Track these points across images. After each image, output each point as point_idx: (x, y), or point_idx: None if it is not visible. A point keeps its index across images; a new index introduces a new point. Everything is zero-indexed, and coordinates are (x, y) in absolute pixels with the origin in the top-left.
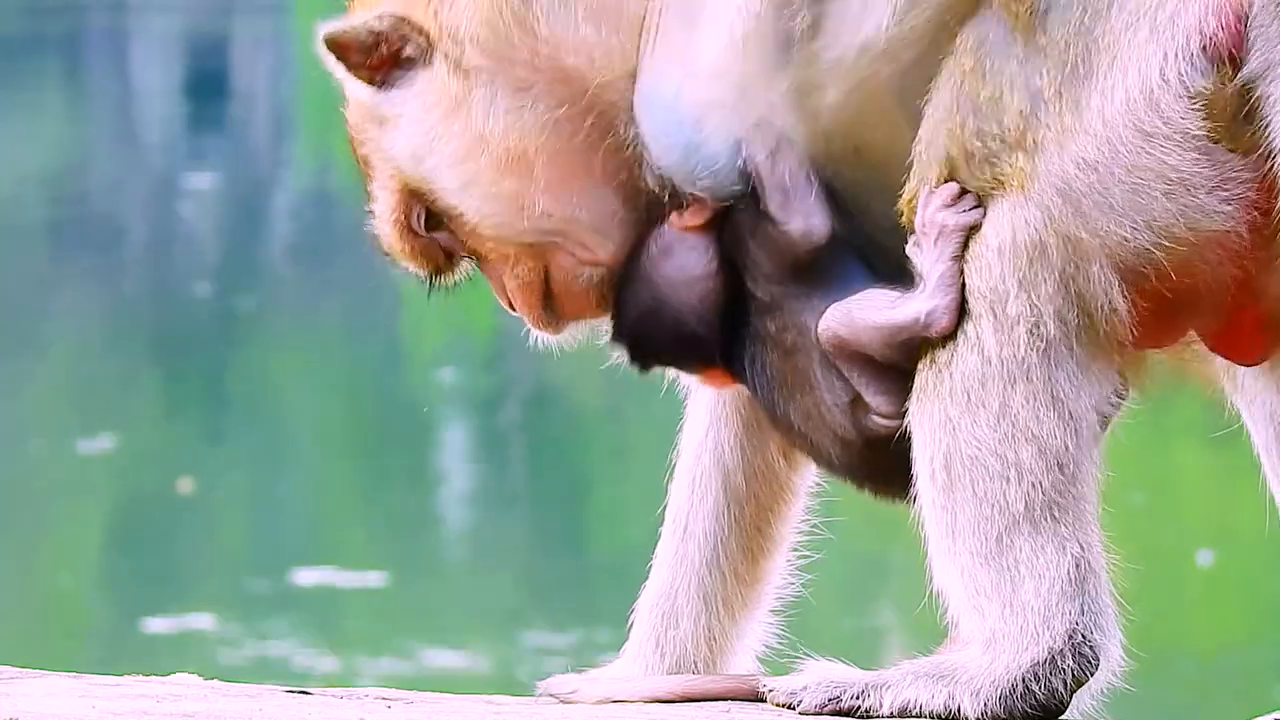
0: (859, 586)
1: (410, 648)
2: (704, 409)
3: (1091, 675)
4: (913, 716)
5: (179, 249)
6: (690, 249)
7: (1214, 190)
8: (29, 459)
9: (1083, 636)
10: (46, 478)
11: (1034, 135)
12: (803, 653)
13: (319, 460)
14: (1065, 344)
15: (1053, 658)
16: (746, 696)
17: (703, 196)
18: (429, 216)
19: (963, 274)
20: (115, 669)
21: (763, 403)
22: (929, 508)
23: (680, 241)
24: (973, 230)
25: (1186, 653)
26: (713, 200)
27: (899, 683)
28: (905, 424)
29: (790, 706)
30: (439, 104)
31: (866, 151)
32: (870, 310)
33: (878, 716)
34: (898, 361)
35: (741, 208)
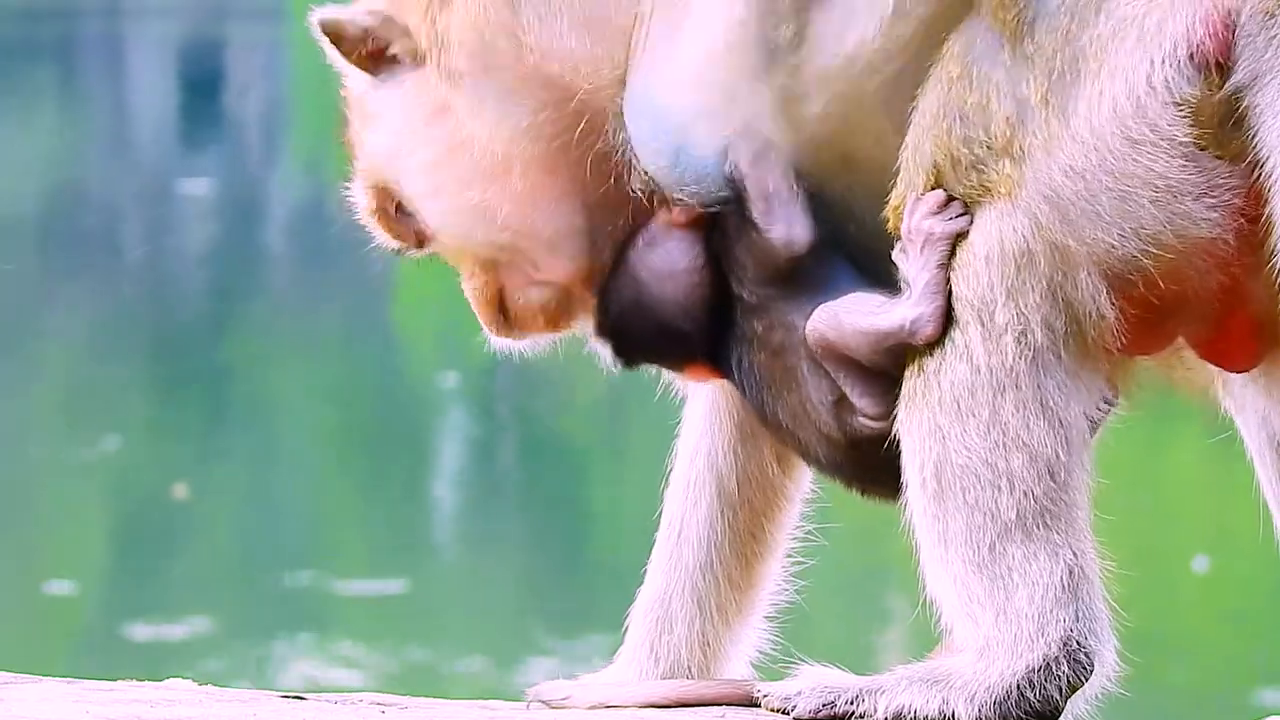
0: (854, 592)
1: (405, 652)
2: (700, 415)
3: (1086, 681)
4: None
5: (174, 254)
6: (676, 244)
7: (1201, 197)
8: (24, 464)
9: (1077, 643)
10: (41, 483)
11: (1021, 142)
12: (797, 658)
13: (315, 465)
14: (1054, 352)
15: (1047, 664)
16: (741, 702)
17: (690, 202)
18: (402, 205)
19: (949, 281)
20: (110, 674)
21: (751, 402)
22: (920, 516)
23: (667, 236)
24: (959, 238)
25: (1182, 659)
26: (700, 205)
27: (893, 688)
28: (890, 426)
29: (784, 712)
30: (422, 107)
31: (855, 159)
32: (857, 314)
33: None
34: (884, 366)
35: (728, 212)
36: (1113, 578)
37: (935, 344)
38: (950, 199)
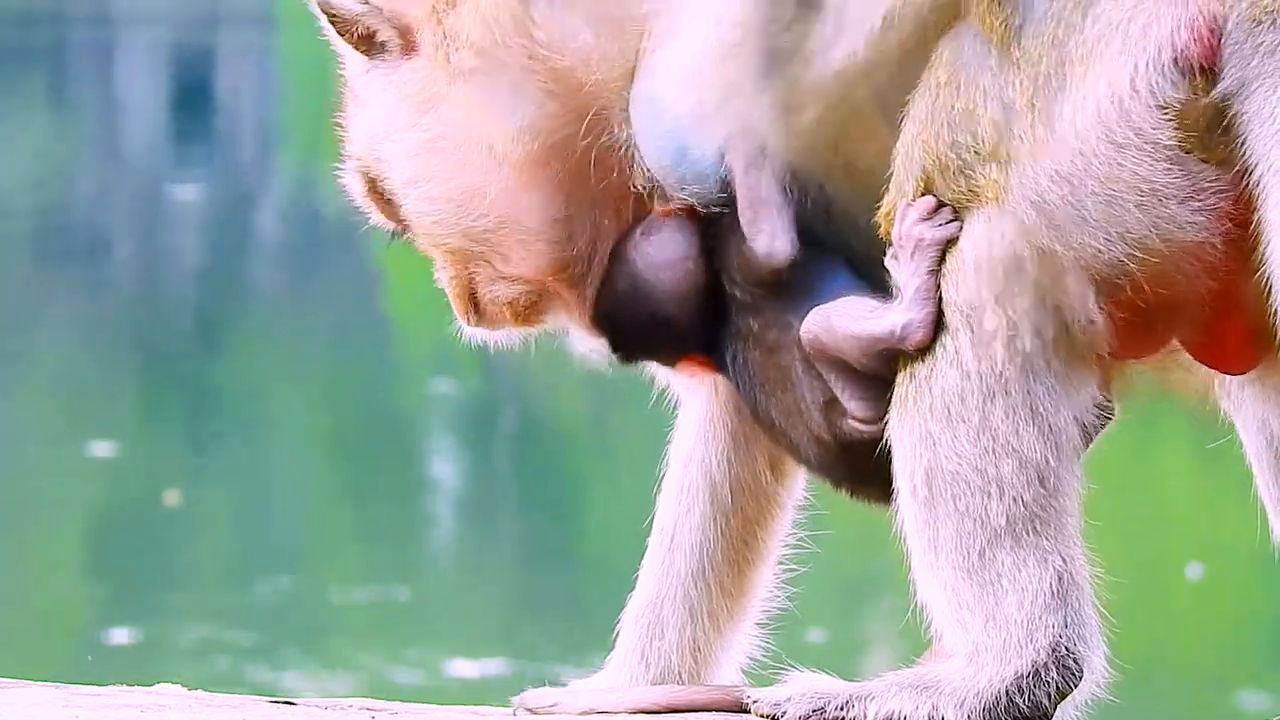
0: (844, 599)
1: (396, 658)
2: (694, 422)
3: (1075, 687)
4: None
5: (164, 261)
6: (671, 233)
7: (1186, 201)
8: (12, 469)
9: (1066, 649)
10: (31, 488)
11: (1007, 147)
12: (787, 664)
13: (307, 471)
14: (1043, 357)
15: (1036, 670)
16: (731, 708)
17: (690, 201)
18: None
19: (940, 287)
20: (100, 679)
21: (745, 399)
22: (911, 522)
23: (663, 225)
24: (950, 243)
25: (1176, 664)
26: (700, 205)
27: (883, 694)
28: (880, 429)
29: (775, 718)
30: (414, 96)
31: (852, 164)
32: (849, 319)
33: None
34: (875, 370)
35: (725, 212)
36: (1107, 585)
37: (926, 350)
38: (940, 205)
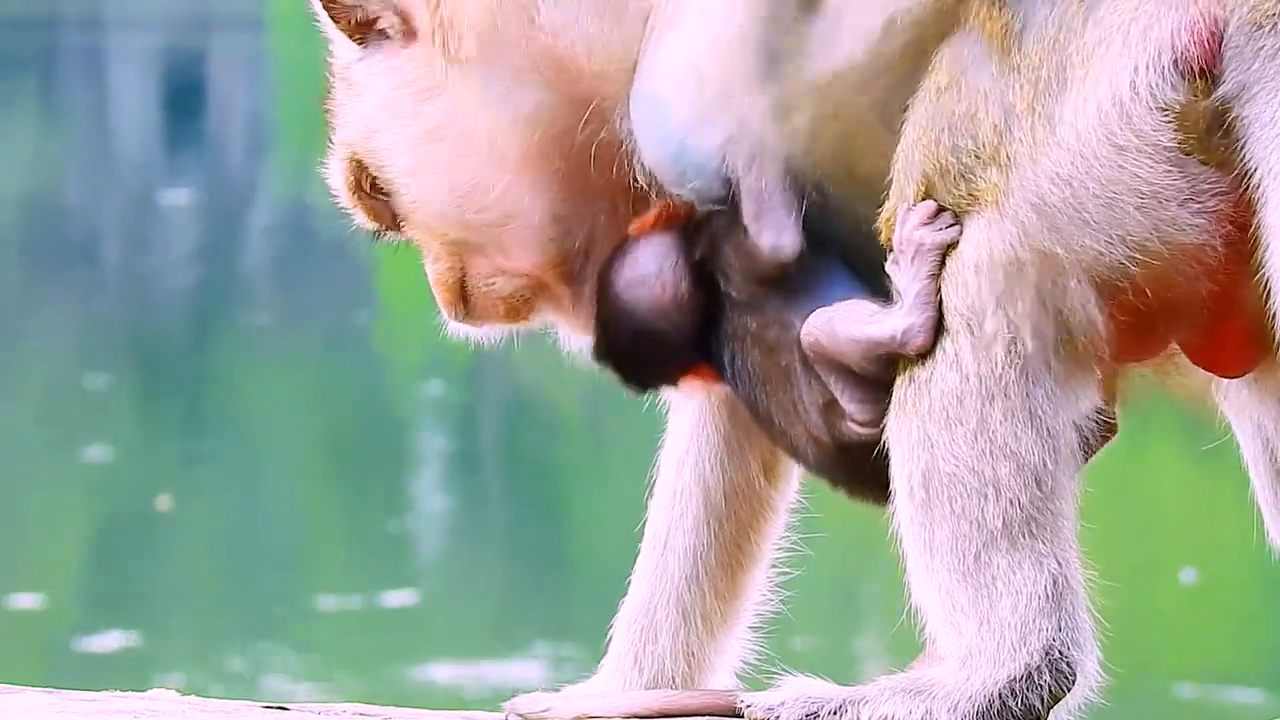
0: (837, 603)
1: (389, 663)
2: (686, 426)
3: (1068, 691)
4: None
5: (156, 265)
6: (646, 247)
7: (1186, 203)
8: (4, 475)
9: (1059, 653)
10: (23, 494)
11: (1008, 150)
12: (780, 669)
13: (298, 475)
14: (1043, 360)
15: (1029, 674)
16: (724, 712)
17: (690, 198)
18: (377, 181)
19: (941, 292)
20: (93, 685)
21: (745, 400)
22: (907, 524)
23: (636, 244)
24: (950, 247)
25: (1171, 668)
26: (699, 203)
27: (876, 698)
28: (879, 432)
29: None
30: (414, 84)
31: (854, 166)
32: (850, 322)
33: None
34: (876, 374)
35: (720, 211)
36: (1101, 589)
37: (926, 354)
38: (941, 209)
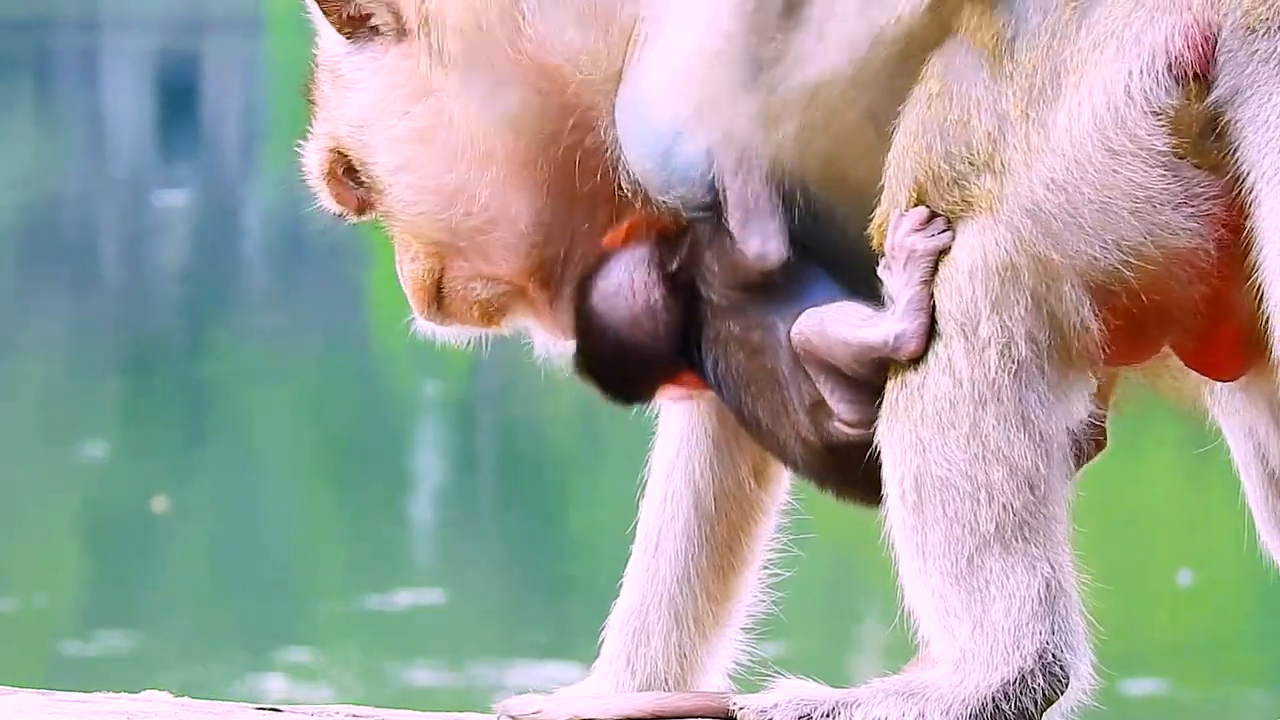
0: (830, 605)
1: (382, 664)
2: (676, 429)
3: (1061, 694)
4: None
5: (150, 266)
6: (619, 260)
7: (1180, 207)
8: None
9: (1053, 656)
10: (17, 494)
11: (1002, 156)
12: (774, 670)
13: (293, 475)
14: (1037, 365)
15: (1023, 677)
16: (717, 714)
17: (674, 205)
18: (353, 169)
19: (933, 297)
20: (86, 686)
21: (730, 403)
22: (899, 528)
23: (609, 257)
24: (943, 253)
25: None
26: (684, 210)
27: (869, 701)
28: (868, 433)
29: None
30: (406, 84)
31: (842, 172)
32: (843, 325)
33: None
34: (866, 377)
35: (704, 217)
36: (1097, 592)
37: (918, 358)
38: (933, 215)
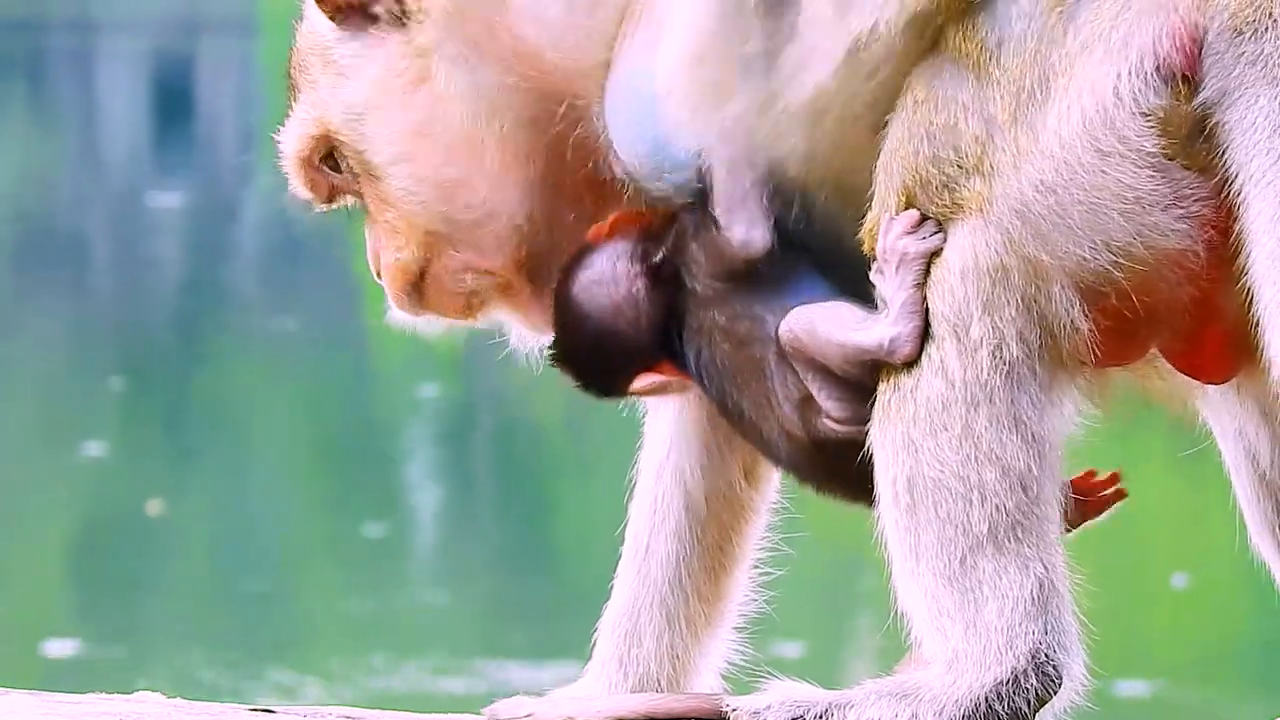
0: (822, 605)
1: (375, 666)
2: (664, 430)
3: (1054, 694)
4: None
5: (144, 268)
6: (601, 251)
7: (1169, 208)
8: None
9: (1045, 656)
10: (12, 497)
11: (991, 159)
12: (766, 671)
13: (287, 478)
14: (1028, 365)
15: (1015, 677)
16: (710, 715)
17: (664, 193)
18: (331, 156)
19: (926, 300)
20: (80, 687)
21: (714, 395)
22: (892, 529)
23: (590, 249)
24: (934, 256)
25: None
26: (674, 199)
27: (862, 702)
28: (855, 430)
29: None
30: (403, 73)
31: (841, 178)
32: (835, 326)
33: None
34: (857, 377)
35: (689, 208)
36: (1090, 593)
37: (911, 360)
38: (924, 218)
